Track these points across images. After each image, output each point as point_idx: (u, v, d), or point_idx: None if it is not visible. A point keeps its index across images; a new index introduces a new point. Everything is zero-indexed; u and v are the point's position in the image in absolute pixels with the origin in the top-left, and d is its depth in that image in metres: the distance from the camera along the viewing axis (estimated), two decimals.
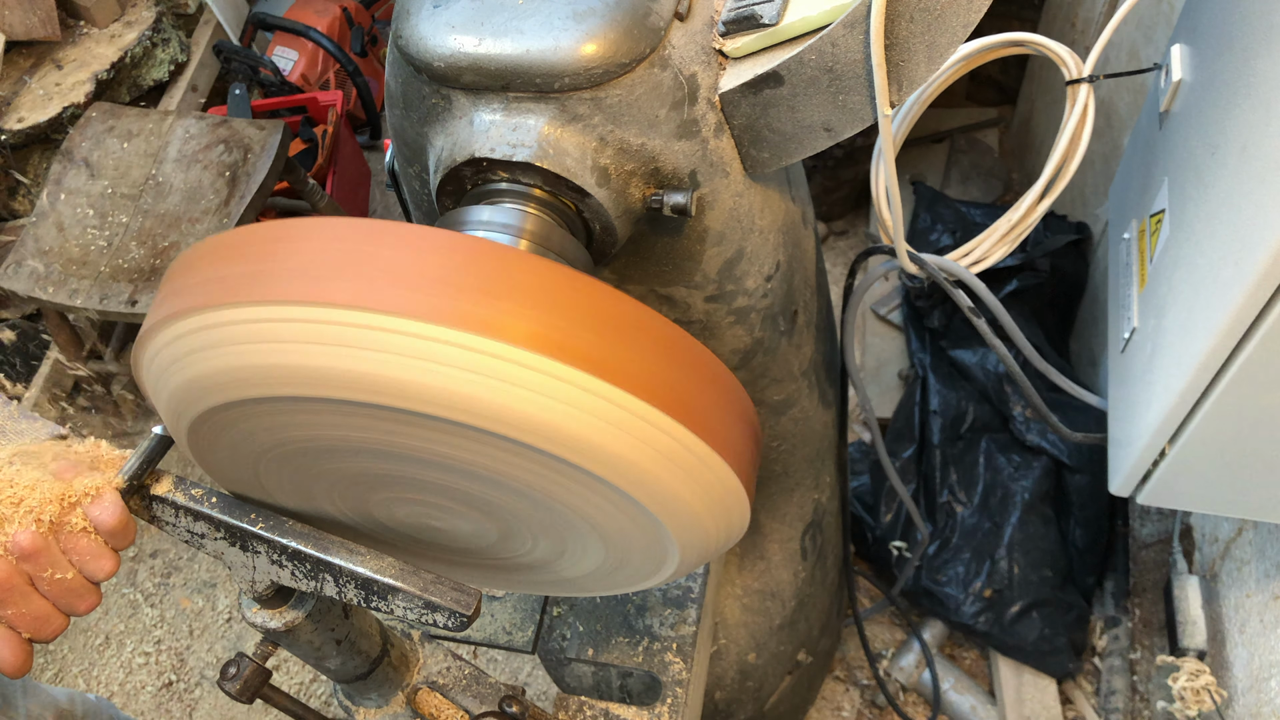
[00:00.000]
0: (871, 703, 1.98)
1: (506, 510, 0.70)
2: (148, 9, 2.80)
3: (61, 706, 1.48)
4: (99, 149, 2.24)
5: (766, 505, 1.34)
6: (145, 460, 0.66)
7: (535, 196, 0.76)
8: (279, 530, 0.68)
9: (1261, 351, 0.84)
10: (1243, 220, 0.82)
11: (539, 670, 2.07)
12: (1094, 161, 2.03)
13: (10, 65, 2.57)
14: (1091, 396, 1.29)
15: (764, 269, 0.93)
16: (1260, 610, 1.32)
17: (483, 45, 0.73)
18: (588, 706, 1.01)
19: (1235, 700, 1.35)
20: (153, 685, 2.19)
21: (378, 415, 0.59)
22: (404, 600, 0.65)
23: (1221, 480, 1.03)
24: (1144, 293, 1.09)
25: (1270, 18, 0.82)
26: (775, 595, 1.43)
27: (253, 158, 2.17)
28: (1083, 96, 1.03)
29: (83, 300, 2.07)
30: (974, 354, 2.01)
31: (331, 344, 0.56)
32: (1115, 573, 1.87)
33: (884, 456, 1.47)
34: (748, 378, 1.04)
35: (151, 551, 2.40)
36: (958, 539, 1.88)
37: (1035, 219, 1.08)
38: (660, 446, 0.62)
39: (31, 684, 1.46)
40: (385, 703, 0.90)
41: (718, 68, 0.79)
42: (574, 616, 1.17)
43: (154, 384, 0.64)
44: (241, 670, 0.75)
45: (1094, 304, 2.02)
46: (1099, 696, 1.82)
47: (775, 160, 0.83)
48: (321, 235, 0.58)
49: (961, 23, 0.73)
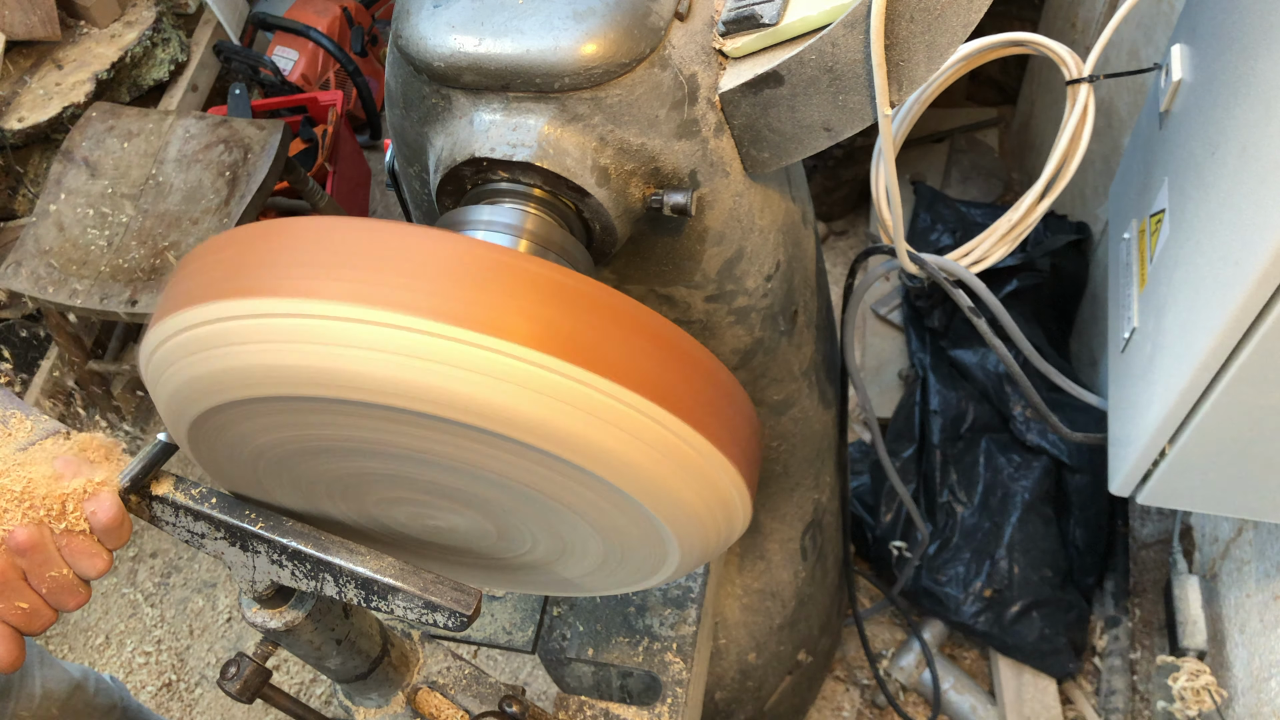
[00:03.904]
0: (871, 703, 1.98)
1: (506, 510, 0.70)
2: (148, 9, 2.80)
3: (75, 680, 1.49)
4: (99, 149, 2.24)
5: (766, 505, 1.34)
6: (147, 464, 0.66)
7: (535, 196, 0.76)
8: (279, 530, 0.68)
9: (1261, 351, 0.84)
10: (1243, 220, 0.82)
11: (539, 670, 2.07)
12: (1094, 161, 2.03)
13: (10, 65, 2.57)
14: (1091, 396, 1.29)
15: (764, 269, 0.93)
16: (1260, 610, 1.32)
17: (483, 45, 0.73)
18: (588, 706, 1.01)
19: (1235, 700, 1.35)
20: (153, 685, 2.19)
21: (378, 415, 0.59)
22: (404, 600, 0.65)
23: (1221, 480, 1.03)
24: (1144, 293, 1.09)
25: (1270, 18, 0.82)
26: (775, 595, 1.43)
27: (253, 158, 2.17)
28: (1083, 96, 1.03)
29: (83, 300, 2.07)
30: (974, 354, 2.01)
31: (331, 344, 0.56)
32: (1115, 573, 1.87)
33: (884, 456, 1.47)
34: (748, 377, 1.04)
35: (151, 551, 2.40)
36: (958, 539, 1.88)
37: (1035, 219, 1.08)
38: (660, 446, 0.62)
39: (48, 656, 1.47)
40: (385, 702, 0.90)
41: (718, 68, 0.79)
42: (574, 616, 1.17)
43: (155, 384, 0.64)
44: (241, 670, 0.75)
45: (1094, 304, 2.02)
46: (1099, 696, 1.82)
47: (775, 160, 0.83)
48: (321, 235, 0.58)
49: (961, 23, 0.73)
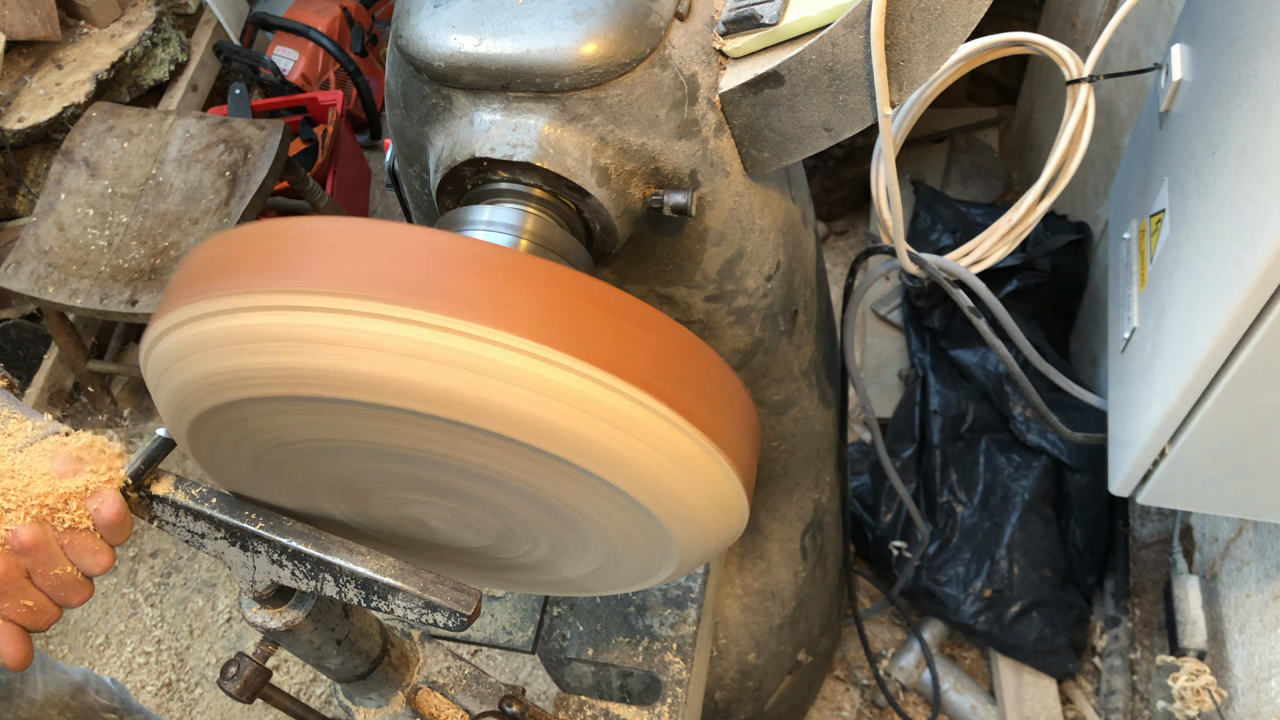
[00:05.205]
0: (871, 703, 1.98)
1: (506, 510, 0.70)
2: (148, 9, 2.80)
3: (76, 683, 1.50)
4: (99, 149, 2.24)
5: (766, 505, 1.34)
6: (146, 460, 0.66)
7: (535, 196, 0.76)
8: (279, 530, 0.68)
9: (1261, 351, 0.84)
10: (1243, 220, 0.82)
11: (539, 670, 2.07)
12: (1094, 161, 2.03)
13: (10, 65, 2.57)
14: (1091, 396, 1.29)
15: (764, 269, 0.93)
16: (1260, 610, 1.32)
17: (483, 45, 0.73)
18: (588, 706, 1.01)
19: (1235, 700, 1.35)
20: (153, 685, 2.19)
21: (378, 415, 0.59)
22: (404, 600, 0.65)
23: (1221, 480, 1.03)
24: (1144, 293, 1.09)
25: (1270, 18, 0.82)
26: (775, 595, 1.43)
27: (253, 158, 2.17)
28: (1083, 96, 1.03)
29: (83, 300, 2.07)
30: (974, 354, 2.01)
31: (331, 343, 0.56)
32: (1115, 573, 1.87)
33: (884, 456, 1.47)
34: (748, 377, 1.04)
35: (151, 551, 2.40)
36: (958, 539, 1.88)
37: (1035, 219, 1.08)
38: (659, 445, 0.62)
39: (49, 660, 1.47)
40: (385, 702, 0.89)
41: (718, 67, 0.79)
42: (574, 616, 1.17)
43: (155, 383, 0.64)
44: (241, 670, 0.75)
45: (1094, 304, 2.02)
46: (1099, 696, 1.82)
47: (775, 160, 0.83)
48: (322, 236, 0.58)
49: (961, 23, 0.73)
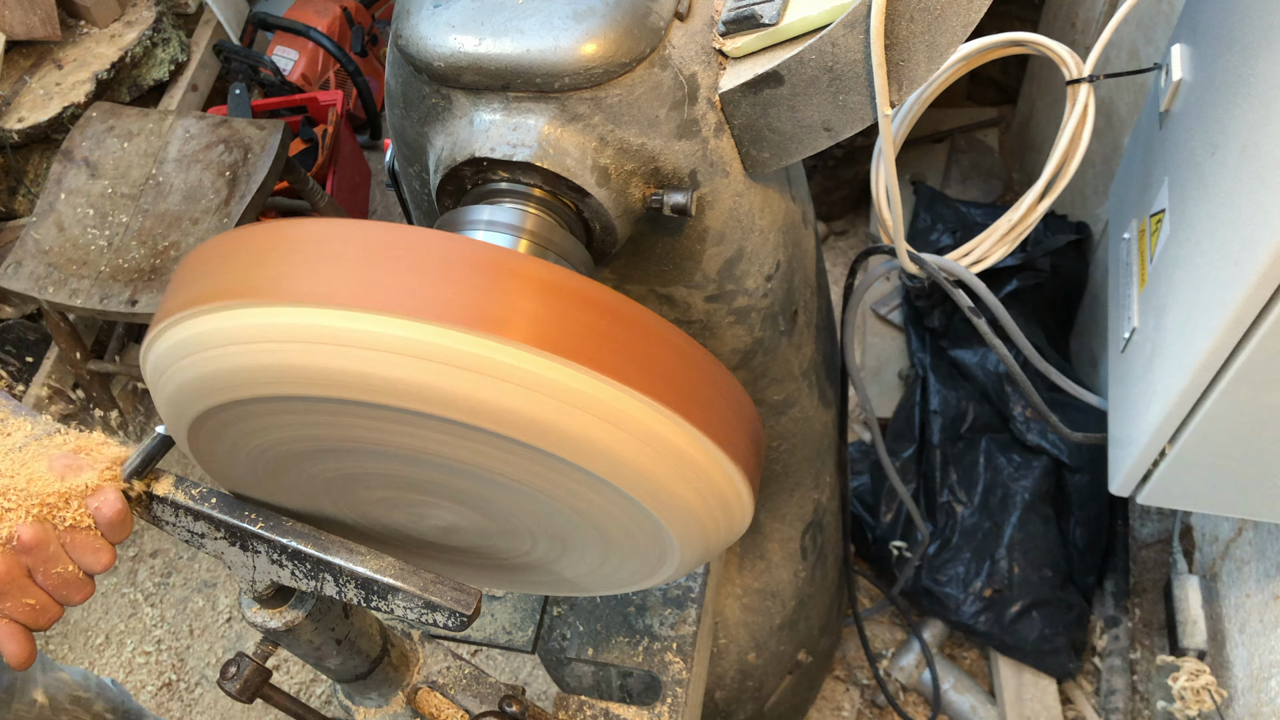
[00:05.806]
0: (871, 702, 1.98)
1: (506, 510, 0.70)
2: (148, 9, 2.80)
3: (76, 684, 1.50)
4: (99, 149, 2.24)
5: (766, 505, 1.34)
6: (146, 458, 0.66)
7: (535, 196, 0.76)
8: (279, 530, 0.68)
9: (1261, 351, 0.84)
10: (1243, 220, 0.82)
11: (539, 670, 2.07)
12: (1094, 161, 2.03)
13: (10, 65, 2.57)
14: (1091, 396, 1.29)
15: (764, 269, 0.93)
16: (1260, 610, 1.32)
17: (483, 45, 0.73)
18: (588, 706, 1.01)
19: (1235, 700, 1.35)
20: (153, 685, 2.19)
21: (377, 415, 0.59)
22: (404, 600, 0.66)
23: (1221, 480, 1.03)
24: (1144, 292, 1.09)
25: (1270, 18, 0.82)
26: (775, 595, 1.43)
27: (253, 158, 2.17)
28: (1083, 96, 1.03)
29: (83, 300, 2.07)
30: (974, 354, 2.01)
31: (331, 343, 0.56)
32: (1115, 573, 1.87)
33: (884, 456, 1.47)
34: (748, 378, 1.04)
35: (151, 551, 2.40)
36: (958, 539, 1.88)
37: (1035, 219, 1.08)
38: (659, 446, 0.62)
39: (50, 661, 1.48)
40: (385, 702, 0.90)
41: (718, 67, 0.79)
42: (574, 616, 1.17)
43: (155, 383, 0.64)
44: (241, 670, 0.75)
45: (1094, 304, 2.02)
46: (1099, 696, 1.82)
47: (775, 160, 0.83)
48: (322, 236, 0.58)
49: (961, 23, 0.73)
